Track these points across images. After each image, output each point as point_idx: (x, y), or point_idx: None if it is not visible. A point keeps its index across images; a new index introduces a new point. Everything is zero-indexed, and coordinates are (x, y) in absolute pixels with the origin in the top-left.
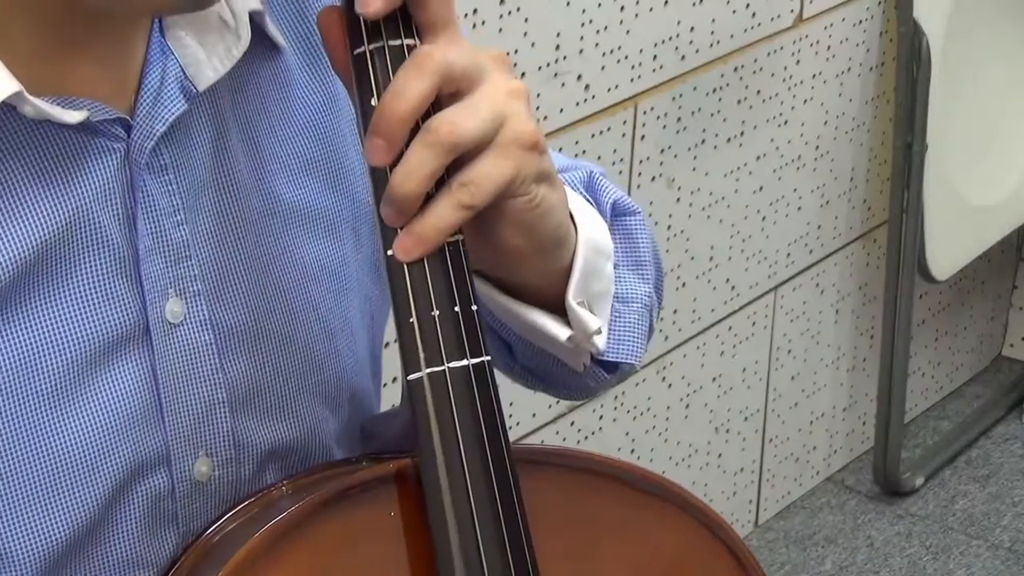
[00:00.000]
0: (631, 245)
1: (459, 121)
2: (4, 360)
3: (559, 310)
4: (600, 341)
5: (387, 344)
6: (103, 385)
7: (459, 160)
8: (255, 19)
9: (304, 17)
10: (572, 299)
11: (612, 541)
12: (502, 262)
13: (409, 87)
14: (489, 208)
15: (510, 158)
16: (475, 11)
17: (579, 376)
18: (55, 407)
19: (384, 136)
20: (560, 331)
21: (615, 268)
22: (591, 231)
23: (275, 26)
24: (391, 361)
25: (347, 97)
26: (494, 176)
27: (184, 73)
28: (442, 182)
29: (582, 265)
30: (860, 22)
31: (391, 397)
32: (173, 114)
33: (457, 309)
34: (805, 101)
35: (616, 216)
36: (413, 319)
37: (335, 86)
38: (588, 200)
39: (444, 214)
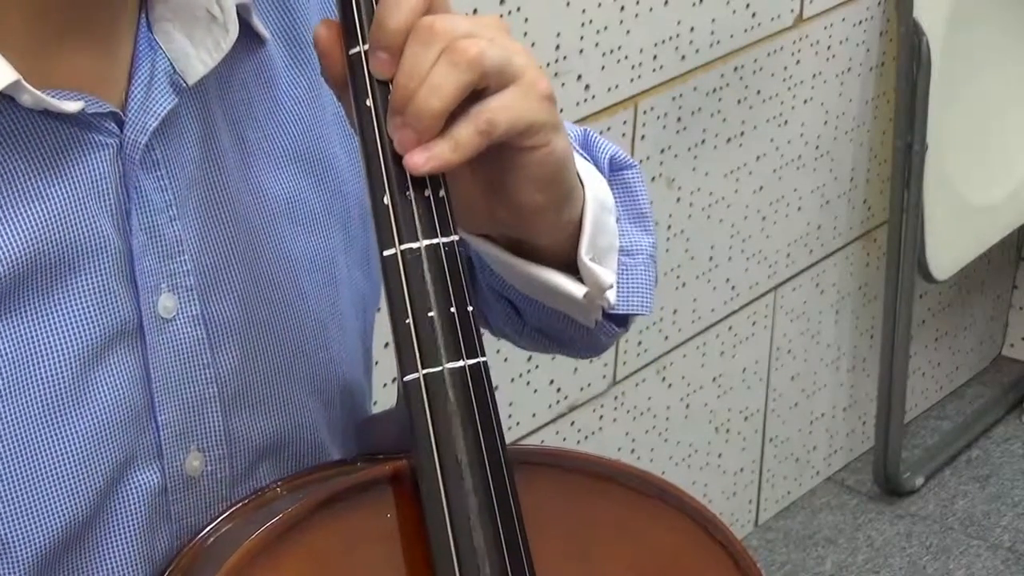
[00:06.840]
0: (631, 198)
1: (484, 47)
2: (4, 360)
3: (569, 269)
4: (611, 295)
5: (386, 344)
6: (98, 382)
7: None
8: (241, 12)
9: (286, 10)
10: (585, 255)
11: (609, 542)
12: (518, 222)
13: (432, 65)
14: (511, 165)
15: (532, 100)
16: (475, 11)
17: (590, 332)
18: (53, 405)
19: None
20: (576, 288)
21: (617, 222)
22: (595, 188)
23: (260, 19)
24: (389, 363)
25: (329, 92)
26: (515, 110)
27: (173, 67)
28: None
29: (592, 221)
30: (860, 22)
31: (389, 399)
32: (165, 108)
33: (453, 310)
34: (805, 101)
35: (614, 171)
36: (409, 320)
37: (317, 80)
38: (585, 158)
39: (461, 134)
